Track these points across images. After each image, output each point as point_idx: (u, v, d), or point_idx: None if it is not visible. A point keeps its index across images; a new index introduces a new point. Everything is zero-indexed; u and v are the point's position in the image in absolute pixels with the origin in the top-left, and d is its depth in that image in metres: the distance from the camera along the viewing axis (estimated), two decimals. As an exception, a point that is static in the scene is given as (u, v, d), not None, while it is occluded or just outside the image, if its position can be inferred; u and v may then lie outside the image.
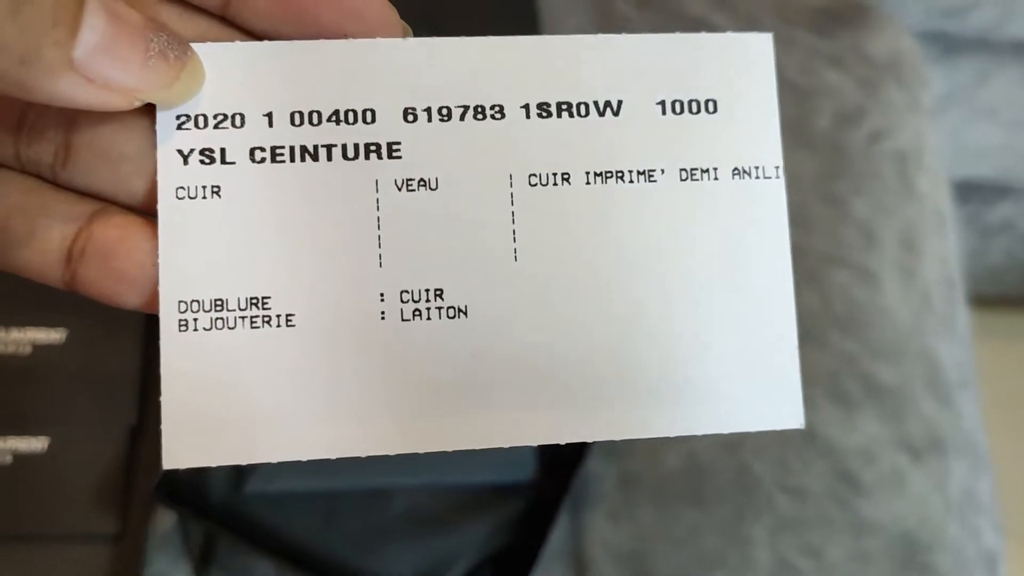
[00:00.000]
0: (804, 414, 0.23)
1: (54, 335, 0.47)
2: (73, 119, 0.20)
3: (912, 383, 0.55)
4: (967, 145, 1.02)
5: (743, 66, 0.22)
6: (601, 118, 0.21)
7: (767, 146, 0.23)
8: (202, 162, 0.20)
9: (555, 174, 0.21)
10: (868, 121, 0.61)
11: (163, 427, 0.20)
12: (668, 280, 0.21)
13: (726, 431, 0.22)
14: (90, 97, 0.17)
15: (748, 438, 0.52)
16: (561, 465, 0.47)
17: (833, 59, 0.62)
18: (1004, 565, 0.56)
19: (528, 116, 0.21)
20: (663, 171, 0.21)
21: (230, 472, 0.45)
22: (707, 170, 0.22)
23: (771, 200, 0.22)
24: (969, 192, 1.11)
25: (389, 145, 0.20)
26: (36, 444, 0.45)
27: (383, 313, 0.20)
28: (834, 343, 0.55)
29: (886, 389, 0.54)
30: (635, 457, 0.51)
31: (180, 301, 0.20)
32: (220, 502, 0.44)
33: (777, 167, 0.22)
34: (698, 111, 0.22)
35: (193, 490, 0.45)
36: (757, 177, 0.22)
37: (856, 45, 0.63)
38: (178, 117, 0.20)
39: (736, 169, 0.22)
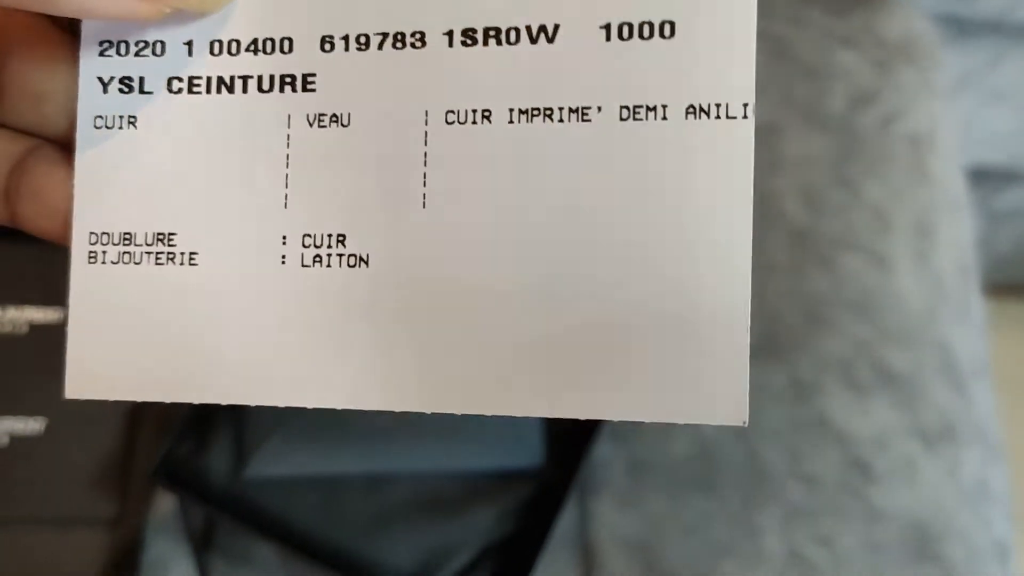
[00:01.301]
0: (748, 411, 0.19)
1: (51, 314, 0.46)
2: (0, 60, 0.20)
3: (925, 370, 0.54)
4: (978, 130, 1.01)
5: None
6: (533, 46, 0.18)
7: (737, 79, 0.18)
8: (120, 91, 0.20)
9: (475, 111, 0.19)
10: (882, 103, 0.60)
11: (67, 357, 0.19)
12: (598, 240, 0.18)
13: (655, 420, 0.19)
14: (119, 6, 0.17)
15: (759, 424, 0.51)
16: (568, 451, 0.46)
17: (846, 40, 0.61)
18: (1015, 555, 0.55)
19: (451, 44, 0.19)
20: (600, 109, 0.18)
21: (231, 456, 0.44)
22: (654, 108, 0.18)
23: (734, 145, 0.18)
24: (978, 178, 1.10)
25: (304, 77, 0.19)
26: (33, 425, 0.44)
27: (284, 257, 0.19)
28: (846, 328, 0.53)
29: (899, 376, 0.53)
30: (644, 443, 0.50)
31: (91, 233, 0.20)
32: (220, 486, 0.44)
33: (746, 104, 0.18)
34: (650, 35, 0.18)
35: (193, 473, 0.44)
36: (718, 117, 0.18)
37: (870, 26, 0.62)
38: (101, 43, 0.19)
39: (691, 107, 0.18)
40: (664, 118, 0.18)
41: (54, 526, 0.43)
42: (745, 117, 0.18)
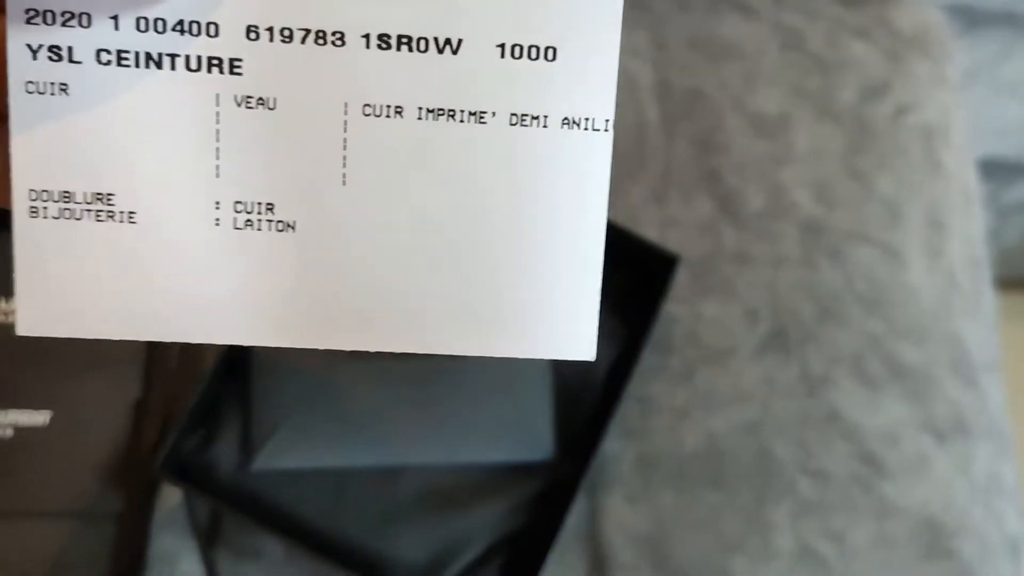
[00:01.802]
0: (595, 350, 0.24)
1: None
2: None
3: (937, 364, 0.54)
4: (988, 123, 1.00)
5: (589, 15, 0.22)
6: (440, 55, 0.22)
7: (601, 99, 0.22)
8: (50, 59, 0.21)
9: (389, 106, 0.22)
10: (893, 95, 0.59)
11: (17, 300, 0.21)
12: (487, 220, 0.23)
13: (520, 355, 0.23)
14: None
15: (769, 420, 0.50)
16: (578, 445, 0.46)
17: (859, 31, 0.60)
18: (1027, 551, 0.54)
19: (368, 46, 0.21)
20: (494, 114, 0.22)
21: (238, 449, 0.43)
22: (537, 117, 0.22)
23: (597, 154, 0.23)
24: (987, 172, 1.09)
25: (231, 61, 0.21)
26: (38, 418, 0.44)
27: (217, 220, 0.22)
28: (857, 322, 0.53)
29: (911, 370, 0.53)
30: (654, 439, 0.49)
31: (31, 190, 0.21)
32: (227, 479, 0.43)
33: (607, 120, 0.22)
34: (537, 57, 0.22)
35: (200, 467, 0.43)
36: (586, 129, 0.22)
37: (882, 17, 0.61)
38: (27, 11, 0.20)
39: (566, 119, 0.22)
40: (544, 126, 0.22)
41: (59, 519, 0.43)
42: (606, 130, 0.23)
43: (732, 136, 0.56)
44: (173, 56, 0.21)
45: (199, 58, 0.21)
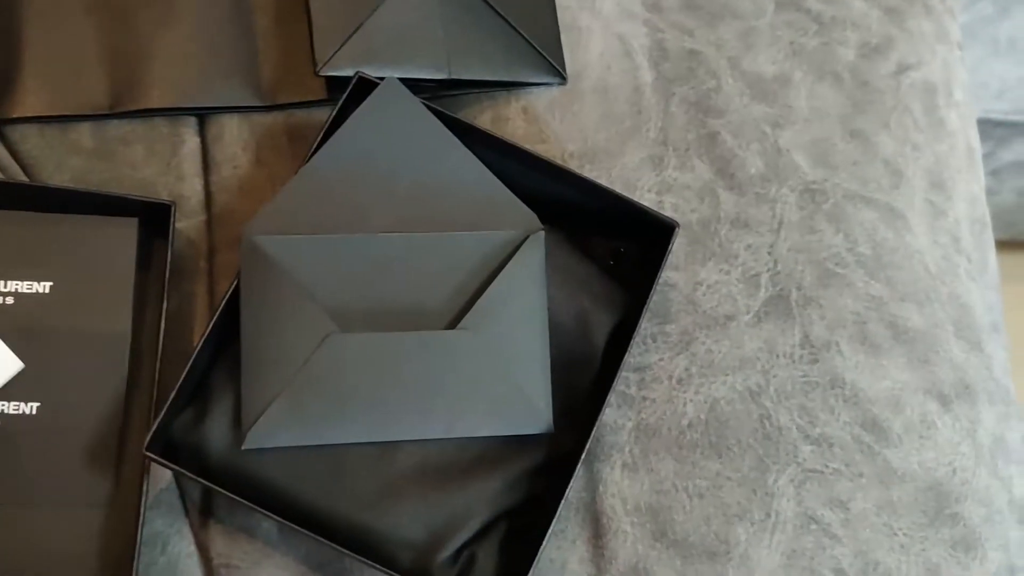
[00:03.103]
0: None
1: (38, 287, 0.44)
2: None
3: (942, 327, 0.53)
4: (985, 82, 0.99)
5: None
6: None
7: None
8: None
9: None
10: (895, 52, 0.58)
11: None
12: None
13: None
14: None
15: (770, 386, 0.49)
16: (577, 417, 0.45)
17: (857, -13, 0.59)
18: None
19: None
20: None
21: (229, 427, 0.42)
22: None
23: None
24: (984, 132, 1.08)
25: None
26: (26, 407, 0.43)
27: None
28: (860, 286, 0.52)
29: (914, 333, 0.52)
30: (653, 407, 0.48)
31: None
32: (218, 459, 0.42)
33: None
34: None
35: (189, 446, 0.42)
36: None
37: (881, -28, 0.60)
38: None
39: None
40: None
41: (50, 507, 0.42)
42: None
43: (729, 98, 0.55)
44: None
45: None
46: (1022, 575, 0.51)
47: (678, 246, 0.51)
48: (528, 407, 0.43)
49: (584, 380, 0.46)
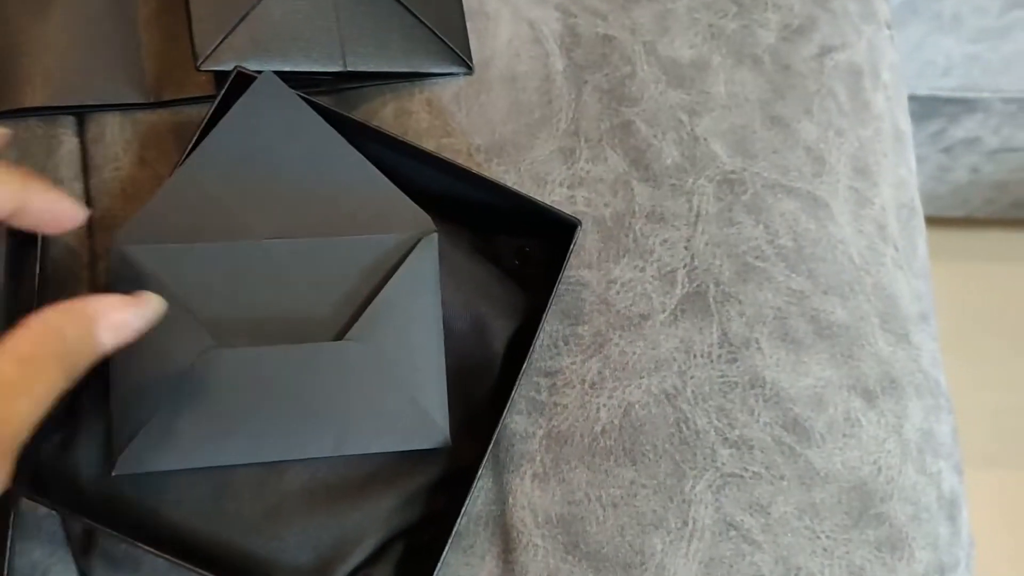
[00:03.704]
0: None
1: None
2: None
3: (866, 320, 0.51)
4: (931, 59, 0.97)
5: None
6: None
7: None
8: None
9: None
10: (818, 34, 0.56)
11: None
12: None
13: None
14: None
15: (687, 388, 0.47)
16: (479, 427, 0.42)
17: (780, -35, 0.56)
18: (966, 509, 0.52)
19: None
20: None
21: (100, 452, 0.40)
22: None
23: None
24: (933, 110, 1.06)
25: None
26: None
27: None
28: (780, 279, 0.50)
29: (838, 328, 0.50)
30: (564, 414, 0.46)
31: None
32: (90, 486, 0.39)
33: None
34: None
35: (59, 474, 0.40)
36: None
37: (806, -51, 0.57)
38: None
39: None
40: None
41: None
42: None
43: (645, 85, 0.52)
44: None
45: None
46: (952, 573, 0.49)
47: (590, 243, 0.49)
48: (423, 421, 0.41)
49: (484, 388, 0.44)
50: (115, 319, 0.34)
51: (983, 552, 1.22)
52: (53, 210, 0.36)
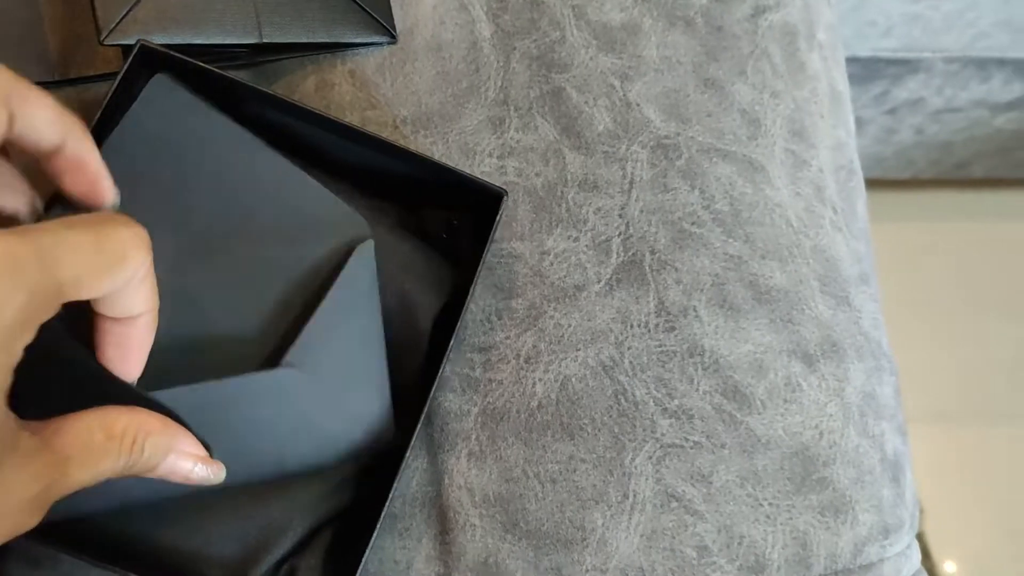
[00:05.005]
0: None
1: None
2: None
3: (806, 283, 0.50)
4: (871, 19, 0.96)
5: None
6: None
7: None
8: None
9: None
10: (751, -7, 0.55)
11: None
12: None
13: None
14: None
15: (625, 359, 0.46)
16: (407, 408, 0.41)
17: (711, -76, 0.55)
18: (910, 470, 0.52)
19: None
20: None
21: None
22: None
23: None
24: (876, 71, 1.06)
25: None
26: None
27: None
28: (717, 245, 0.49)
29: (777, 292, 0.49)
30: (499, 390, 0.45)
31: None
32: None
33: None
34: None
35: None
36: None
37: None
38: None
39: None
40: None
41: None
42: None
43: (575, 50, 0.51)
44: None
45: None
46: (897, 534, 0.49)
47: (522, 214, 0.48)
48: (368, 433, 0.39)
49: (412, 367, 0.42)
50: (182, 467, 0.34)
51: (936, 506, 1.23)
52: (87, 169, 0.34)
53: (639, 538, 0.44)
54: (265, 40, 0.46)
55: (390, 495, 0.39)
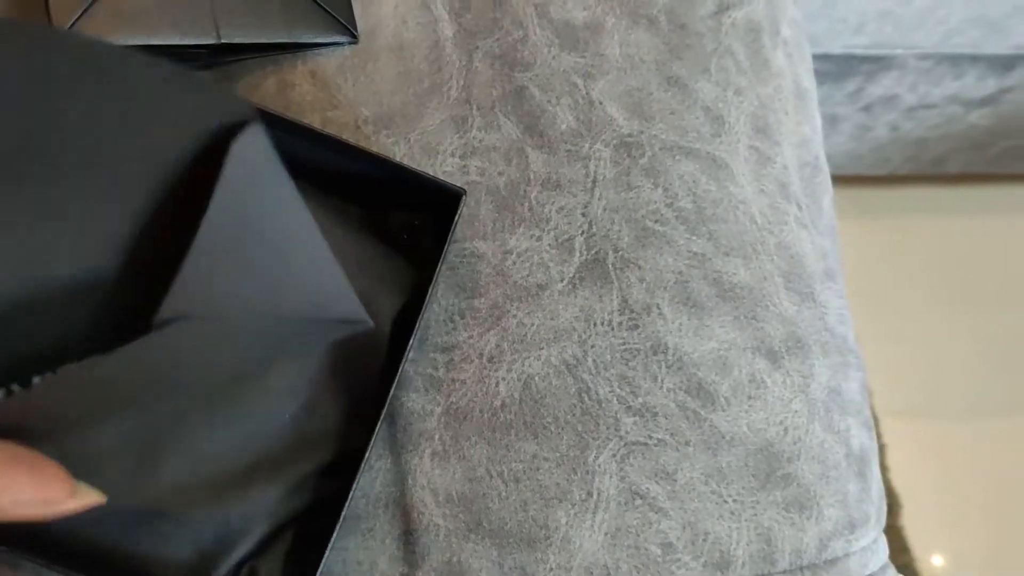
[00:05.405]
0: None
1: None
2: None
3: (770, 280, 0.50)
4: (843, 16, 0.97)
5: None
6: None
7: None
8: None
9: None
10: (714, -9, 0.55)
11: None
12: None
13: None
14: None
15: (588, 357, 0.46)
16: (367, 408, 0.41)
17: (674, -78, 0.55)
18: (876, 465, 0.52)
19: None
20: None
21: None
22: None
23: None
24: (850, 67, 1.07)
25: None
26: None
27: None
28: (681, 243, 0.49)
29: (741, 289, 0.49)
30: (463, 389, 0.45)
31: None
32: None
33: None
34: None
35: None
36: None
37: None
38: None
39: None
40: None
41: None
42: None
43: (537, 49, 0.51)
44: None
45: None
46: (863, 529, 0.49)
47: (485, 213, 0.48)
48: (320, 306, 0.36)
49: (372, 369, 0.42)
50: (27, 513, 0.28)
51: (908, 499, 1.24)
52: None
53: (603, 536, 0.44)
54: (223, 41, 0.46)
55: (350, 495, 0.39)
